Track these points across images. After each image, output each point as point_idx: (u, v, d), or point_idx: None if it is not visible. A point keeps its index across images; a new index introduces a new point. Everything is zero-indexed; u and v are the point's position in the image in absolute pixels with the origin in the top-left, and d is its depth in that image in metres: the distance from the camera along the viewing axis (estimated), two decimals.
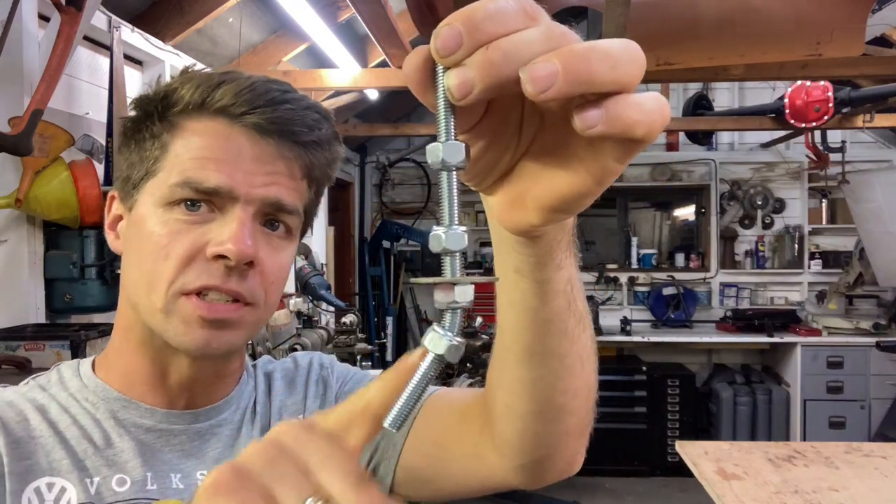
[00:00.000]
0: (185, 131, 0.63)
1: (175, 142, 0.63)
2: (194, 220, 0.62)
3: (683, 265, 5.94)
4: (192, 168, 0.61)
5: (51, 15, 1.98)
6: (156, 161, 0.63)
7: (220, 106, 0.62)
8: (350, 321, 3.70)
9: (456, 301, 0.37)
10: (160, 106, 0.64)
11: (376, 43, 3.14)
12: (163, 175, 0.63)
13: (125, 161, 0.66)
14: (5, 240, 2.05)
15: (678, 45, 2.91)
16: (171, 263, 0.61)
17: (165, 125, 0.63)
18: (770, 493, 2.03)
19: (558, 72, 0.31)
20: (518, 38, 0.33)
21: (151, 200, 0.63)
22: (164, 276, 0.61)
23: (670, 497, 4.89)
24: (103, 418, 0.67)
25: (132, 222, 0.65)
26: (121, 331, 0.69)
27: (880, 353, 4.98)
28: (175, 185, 0.61)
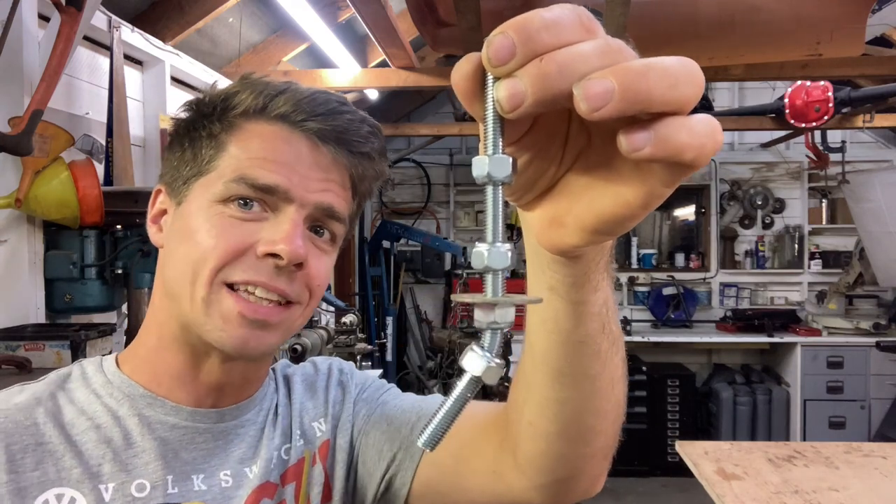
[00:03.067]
0: (243, 133, 0.64)
1: (232, 143, 0.64)
2: (247, 217, 0.62)
3: (683, 265, 5.94)
4: (250, 167, 0.62)
5: (51, 15, 1.98)
6: (210, 160, 0.64)
7: (280, 112, 0.63)
8: (350, 321, 3.70)
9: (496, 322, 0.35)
10: (219, 107, 0.65)
11: (376, 43, 3.14)
12: (217, 173, 0.63)
13: (176, 158, 0.67)
14: (5, 240, 2.05)
15: (678, 45, 2.91)
16: (218, 254, 0.61)
17: (224, 125, 0.64)
18: (770, 493, 2.02)
19: (614, 90, 0.30)
20: (574, 50, 0.31)
21: (204, 197, 0.63)
22: (210, 265, 0.61)
23: (670, 497, 4.89)
24: (126, 415, 0.66)
25: (180, 216, 0.65)
26: (154, 326, 0.68)
27: (880, 353, 4.99)
28: (230, 180, 0.62)
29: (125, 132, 2.49)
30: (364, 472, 0.75)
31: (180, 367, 0.67)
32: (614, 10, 2.58)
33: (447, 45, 3.36)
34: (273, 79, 0.67)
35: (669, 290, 5.72)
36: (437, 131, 5.37)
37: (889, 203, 4.75)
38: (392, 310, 5.35)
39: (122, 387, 0.67)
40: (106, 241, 2.22)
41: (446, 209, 6.09)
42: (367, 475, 0.75)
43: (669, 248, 6.24)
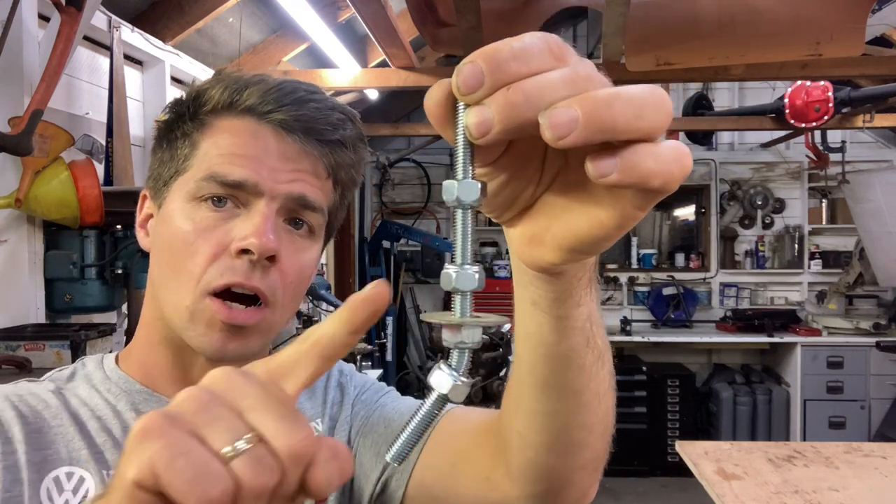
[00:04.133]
0: (214, 129, 0.64)
1: (204, 140, 0.65)
2: (220, 216, 0.63)
3: (683, 265, 5.94)
4: (220, 163, 0.63)
5: (51, 15, 1.98)
6: (185, 159, 0.65)
7: (247, 105, 0.64)
8: None
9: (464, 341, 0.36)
10: (191, 106, 0.66)
11: (376, 43, 3.14)
12: (191, 172, 0.64)
13: (157, 160, 0.68)
14: (5, 240, 2.05)
15: (678, 45, 2.91)
16: (198, 261, 0.62)
17: (196, 124, 0.65)
18: (770, 493, 2.02)
19: (578, 119, 0.31)
20: (541, 80, 0.32)
21: (179, 196, 0.64)
22: (193, 274, 0.62)
23: (670, 497, 4.89)
24: (124, 410, 0.67)
25: (161, 219, 0.66)
26: (144, 325, 0.70)
27: (880, 353, 4.99)
28: (201, 179, 0.63)
29: (125, 132, 2.49)
30: (361, 473, 0.75)
31: (171, 366, 0.68)
32: (614, 10, 2.58)
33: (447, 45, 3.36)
34: (244, 73, 0.68)
35: (669, 290, 5.72)
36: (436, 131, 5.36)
37: (889, 203, 4.75)
38: (392, 310, 5.35)
39: (119, 382, 0.69)
40: (106, 241, 2.22)
41: (446, 209, 6.08)
42: (363, 477, 0.75)
43: (669, 248, 6.24)
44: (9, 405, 0.63)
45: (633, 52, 2.98)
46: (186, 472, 0.30)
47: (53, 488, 0.61)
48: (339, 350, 0.37)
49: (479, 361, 4.18)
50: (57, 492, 0.61)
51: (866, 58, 3.40)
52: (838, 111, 4.40)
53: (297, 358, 0.37)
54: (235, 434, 0.32)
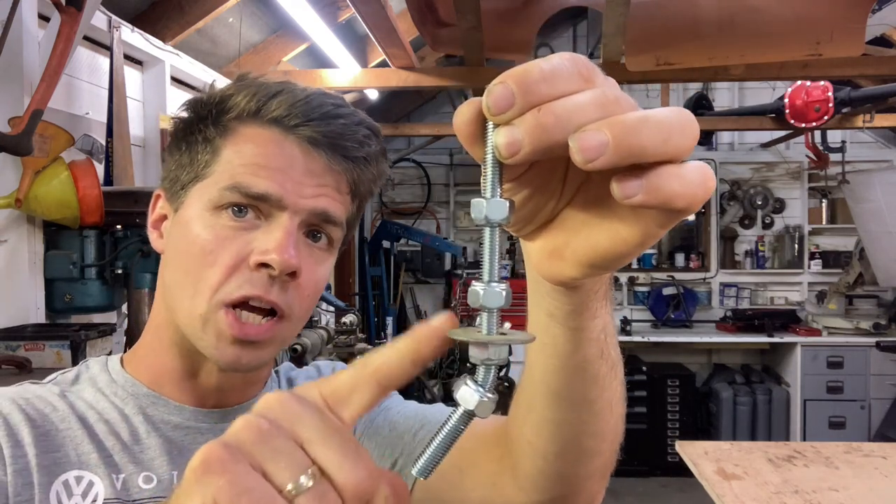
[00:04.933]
0: (238, 137, 0.63)
1: (227, 147, 0.63)
2: (241, 226, 0.62)
3: (683, 265, 5.94)
4: (243, 173, 0.62)
5: (51, 15, 1.98)
6: (206, 165, 0.64)
7: (274, 116, 0.63)
8: (350, 321, 3.70)
9: (490, 358, 0.36)
10: (214, 110, 0.65)
11: (376, 43, 3.14)
12: (213, 179, 0.63)
13: (174, 161, 0.67)
14: (5, 240, 2.05)
15: (678, 45, 2.91)
16: (216, 271, 0.61)
17: (219, 130, 0.64)
18: (770, 493, 2.02)
19: (608, 143, 0.31)
20: (571, 102, 0.32)
21: (200, 203, 0.63)
22: (210, 284, 0.61)
23: (670, 497, 4.89)
24: (132, 413, 0.67)
25: (178, 223, 0.65)
26: (153, 328, 0.69)
27: (880, 353, 4.99)
28: (224, 188, 0.62)
29: (125, 132, 2.49)
30: None
31: (180, 370, 0.68)
32: (614, 10, 2.58)
33: (447, 45, 3.36)
34: (269, 79, 0.67)
35: (669, 290, 5.72)
36: (437, 131, 5.37)
37: (889, 203, 4.75)
38: (392, 310, 5.35)
39: (125, 386, 0.68)
40: (106, 241, 2.22)
41: (446, 209, 6.09)
42: None
43: (669, 248, 6.24)
44: (16, 408, 0.62)
45: (633, 52, 2.98)
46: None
47: (63, 492, 0.61)
48: (398, 380, 0.37)
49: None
50: (66, 496, 0.61)
51: (866, 58, 3.40)
52: (838, 111, 4.40)
53: (355, 384, 0.36)
54: (298, 469, 0.32)
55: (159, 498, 0.64)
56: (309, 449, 0.33)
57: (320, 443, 0.33)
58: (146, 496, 0.64)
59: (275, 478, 0.32)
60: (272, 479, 0.31)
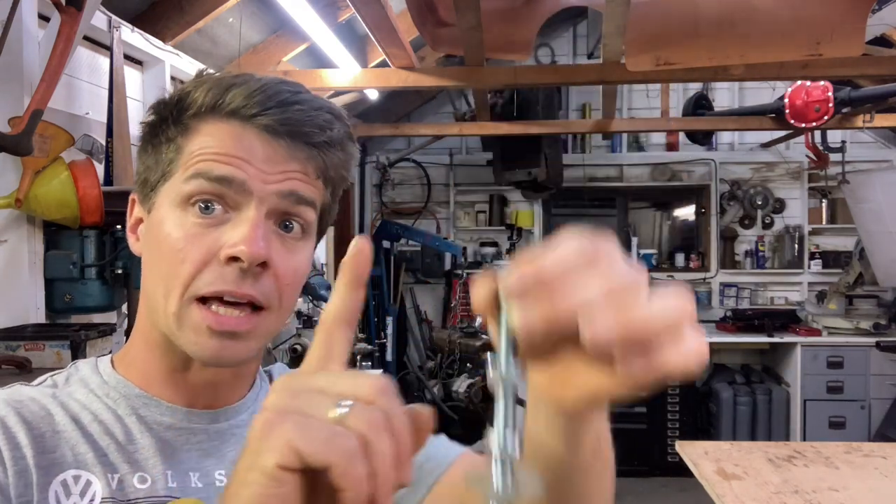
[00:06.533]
0: (198, 134, 0.63)
1: (189, 144, 0.64)
2: (209, 222, 0.62)
3: (683, 265, 5.94)
4: (203, 160, 0.62)
5: (51, 15, 1.98)
6: (171, 163, 0.64)
7: (231, 108, 0.62)
8: None
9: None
10: (175, 110, 0.65)
11: (376, 43, 3.14)
12: (177, 175, 0.63)
13: (143, 165, 0.67)
14: (5, 240, 2.05)
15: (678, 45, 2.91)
16: (186, 268, 0.61)
17: (180, 128, 0.64)
18: (770, 493, 2.02)
19: (615, 337, 0.35)
20: (584, 293, 0.36)
21: (168, 201, 0.63)
22: (180, 281, 0.61)
23: (670, 497, 4.89)
24: (125, 414, 0.67)
25: (150, 225, 0.66)
26: (140, 329, 0.70)
27: (880, 353, 4.99)
28: (188, 178, 0.62)
29: (125, 132, 2.49)
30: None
31: (168, 371, 0.68)
32: (614, 10, 2.58)
33: (447, 45, 3.36)
34: (227, 73, 0.66)
35: None
36: (437, 131, 5.37)
37: (889, 203, 4.75)
38: (392, 310, 5.35)
39: (117, 387, 0.68)
40: (106, 241, 2.22)
41: (446, 209, 6.08)
42: None
43: (669, 248, 6.24)
44: (11, 410, 0.62)
45: (633, 52, 2.98)
46: (320, 437, 0.35)
47: (61, 492, 0.61)
48: (352, 311, 0.42)
49: (479, 361, 4.18)
50: (65, 495, 0.61)
51: (866, 58, 3.40)
52: (838, 111, 4.40)
53: (323, 340, 0.42)
54: (332, 403, 0.37)
55: (154, 498, 0.64)
56: (330, 392, 0.38)
57: (333, 384, 0.38)
58: (141, 496, 0.64)
59: (321, 414, 0.37)
60: (321, 415, 0.37)
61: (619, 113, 5.57)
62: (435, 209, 6.11)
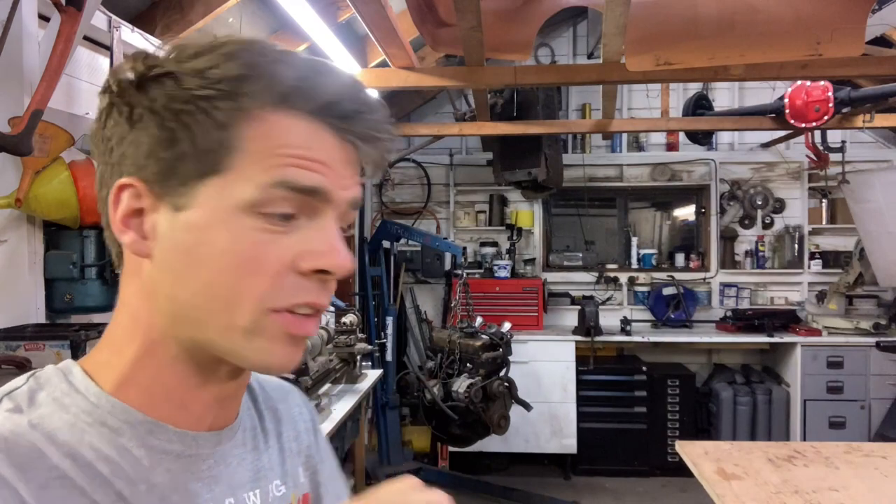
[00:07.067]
0: (264, 125, 0.54)
1: (249, 136, 0.54)
2: (282, 230, 0.55)
3: (683, 265, 5.94)
4: (287, 165, 0.54)
5: (51, 15, 1.98)
6: (219, 153, 0.54)
7: (307, 104, 0.56)
8: (350, 321, 3.70)
9: None
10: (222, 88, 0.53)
11: (376, 43, 3.14)
12: (238, 174, 0.54)
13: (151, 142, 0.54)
14: (5, 240, 2.05)
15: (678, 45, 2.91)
16: (262, 279, 0.54)
17: (232, 113, 0.54)
18: (770, 493, 2.02)
19: None
20: None
21: (225, 205, 0.54)
22: (253, 293, 0.54)
23: (670, 497, 4.89)
24: (132, 446, 0.57)
25: (188, 227, 0.55)
26: (145, 344, 0.58)
27: (880, 353, 4.99)
28: (269, 185, 0.54)
29: None
30: None
31: (182, 387, 0.59)
32: (614, 10, 2.58)
33: (447, 45, 3.36)
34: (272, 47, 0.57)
35: (669, 290, 5.72)
36: (437, 131, 5.36)
37: (889, 203, 4.75)
38: (392, 310, 5.35)
39: (114, 412, 0.57)
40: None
41: (446, 209, 6.08)
42: None
43: (669, 248, 6.23)
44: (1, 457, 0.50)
45: (633, 52, 2.98)
46: None
47: None
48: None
49: (479, 362, 4.18)
50: None
51: (866, 58, 3.39)
52: (838, 111, 4.40)
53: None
54: None
55: None
56: None
57: None
58: None
59: None
60: None
61: (619, 113, 5.57)
62: (435, 209, 6.11)
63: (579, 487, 4.99)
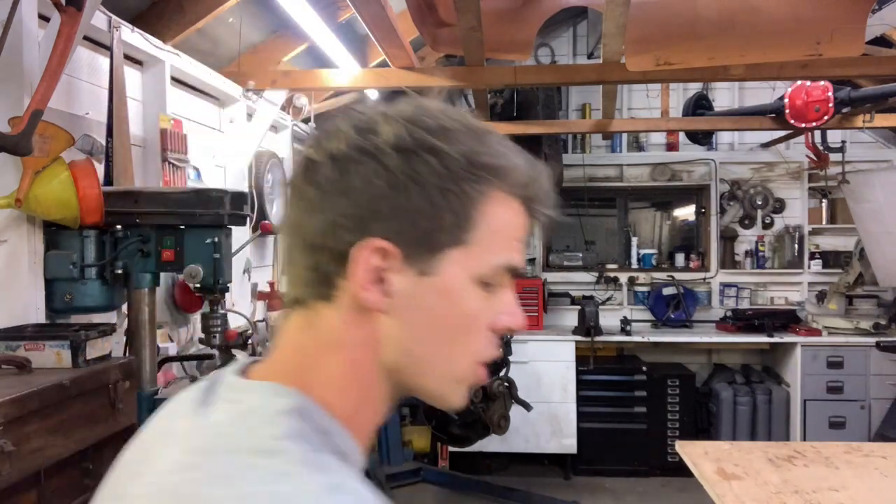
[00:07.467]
0: (500, 207, 0.62)
1: (486, 213, 0.61)
2: (489, 294, 0.64)
3: (683, 265, 5.94)
4: (511, 251, 0.63)
5: (51, 15, 1.98)
6: (459, 228, 0.60)
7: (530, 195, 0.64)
8: None
9: None
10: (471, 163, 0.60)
11: (376, 43, 3.14)
12: (478, 249, 0.61)
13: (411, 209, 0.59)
14: (5, 240, 2.05)
15: (678, 45, 2.91)
16: (478, 338, 0.64)
17: (477, 189, 0.60)
18: (770, 493, 2.02)
19: None
20: None
21: (465, 275, 0.61)
22: (471, 349, 0.64)
23: (670, 497, 4.89)
24: None
25: (434, 289, 0.60)
26: (364, 387, 0.62)
27: (880, 353, 4.98)
28: (501, 267, 0.63)
29: (125, 132, 2.49)
30: None
31: (376, 419, 0.65)
32: (614, 10, 2.58)
33: (447, 45, 3.36)
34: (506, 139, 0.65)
35: (669, 290, 5.72)
36: None
37: (889, 203, 4.75)
38: None
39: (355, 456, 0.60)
40: (106, 241, 2.22)
41: None
42: None
43: (669, 248, 6.24)
44: None
45: (633, 52, 2.98)
46: None
47: None
48: None
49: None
50: None
51: (866, 58, 3.40)
52: (838, 111, 4.41)
53: None
54: None
55: None
56: None
57: None
58: None
59: None
60: None
61: (619, 113, 5.57)
62: None
63: (579, 487, 4.99)
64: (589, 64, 5.39)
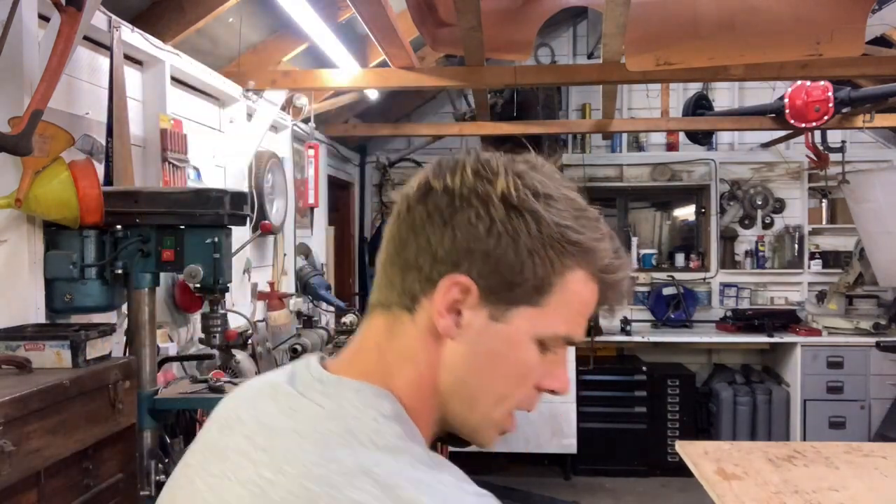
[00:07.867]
0: (573, 280, 0.65)
1: (562, 285, 0.65)
2: (543, 356, 0.67)
3: (683, 265, 5.94)
4: (573, 325, 0.67)
5: (51, 15, 1.98)
6: (537, 291, 0.64)
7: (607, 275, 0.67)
8: (350, 321, 3.70)
9: None
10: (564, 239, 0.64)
11: (376, 43, 3.14)
12: (546, 313, 0.65)
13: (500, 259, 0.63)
14: (5, 240, 2.05)
15: (678, 45, 2.91)
16: (522, 390, 0.68)
17: (562, 261, 0.64)
18: (770, 493, 2.03)
19: None
20: None
21: (530, 332, 0.65)
22: (515, 398, 0.67)
23: (670, 497, 4.89)
24: None
25: (500, 335, 0.65)
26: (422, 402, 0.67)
27: (880, 353, 4.99)
28: (560, 337, 0.66)
29: (125, 132, 2.49)
30: None
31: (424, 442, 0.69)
32: (614, 10, 2.58)
33: (447, 45, 3.36)
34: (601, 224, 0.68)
35: (669, 290, 5.72)
36: (437, 131, 5.37)
37: (889, 203, 4.75)
38: None
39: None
40: (106, 241, 2.22)
41: None
42: None
43: (669, 248, 6.24)
44: None
45: (633, 52, 2.98)
46: None
47: None
48: None
49: None
50: None
51: (866, 58, 3.40)
52: (838, 111, 4.40)
53: None
54: None
55: None
56: None
57: None
58: None
59: None
60: None
61: (619, 113, 5.57)
62: None
63: (579, 487, 4.99)
64: (589, 64, 5.39)
